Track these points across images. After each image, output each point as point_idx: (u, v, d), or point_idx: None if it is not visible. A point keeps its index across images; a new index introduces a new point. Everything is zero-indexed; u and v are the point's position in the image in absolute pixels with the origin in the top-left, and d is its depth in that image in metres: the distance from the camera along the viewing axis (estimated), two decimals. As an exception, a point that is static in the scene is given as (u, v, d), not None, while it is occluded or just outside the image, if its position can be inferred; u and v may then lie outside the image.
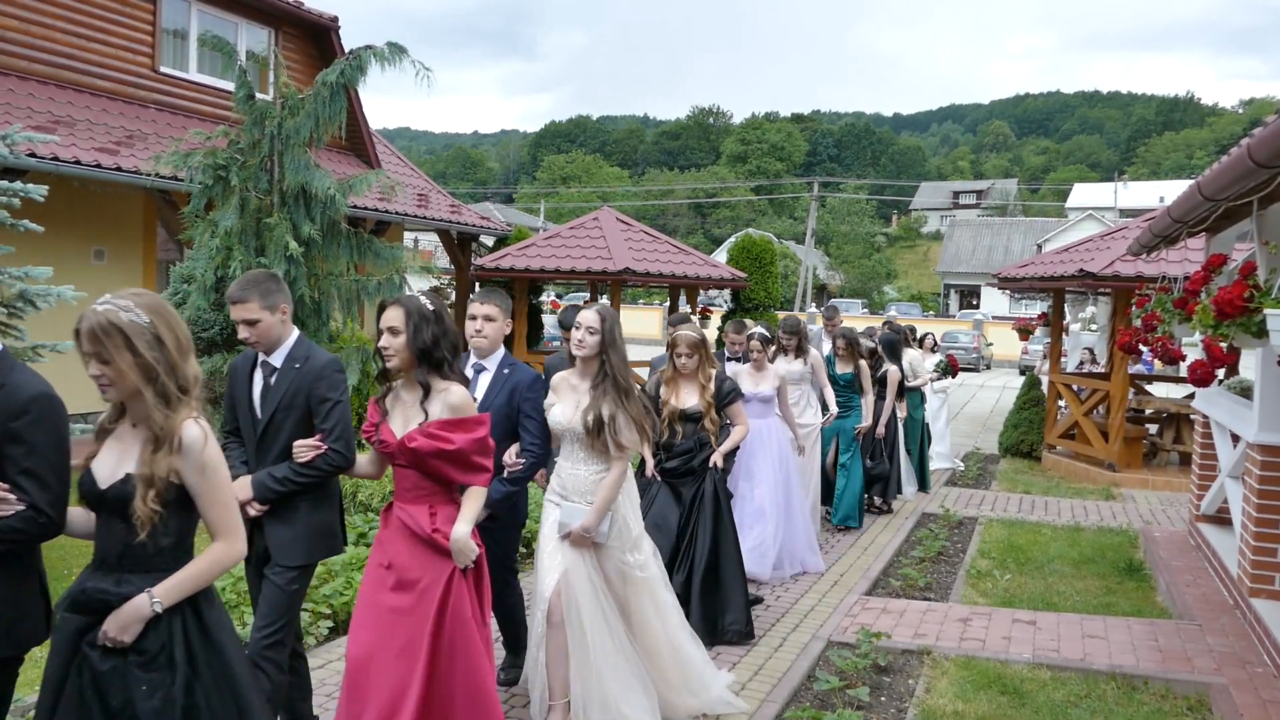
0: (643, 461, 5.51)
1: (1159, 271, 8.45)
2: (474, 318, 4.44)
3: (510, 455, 4.28)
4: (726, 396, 5.54)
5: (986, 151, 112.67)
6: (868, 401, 8.62)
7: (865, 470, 8.80)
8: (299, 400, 3.70)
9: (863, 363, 8.59)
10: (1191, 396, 10.53)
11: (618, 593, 4.25)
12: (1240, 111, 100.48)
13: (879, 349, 9.24)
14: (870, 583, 6.89)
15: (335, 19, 14.01)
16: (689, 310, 13.82)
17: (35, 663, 3.26)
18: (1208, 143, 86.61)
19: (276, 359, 3.77)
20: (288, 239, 7.20)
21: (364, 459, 3.79)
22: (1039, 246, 54.65)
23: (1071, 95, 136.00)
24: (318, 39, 14.27)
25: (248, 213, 7.48)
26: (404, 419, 3.53)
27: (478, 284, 15.73)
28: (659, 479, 5.51)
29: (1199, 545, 7.41)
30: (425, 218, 14.82)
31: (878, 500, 9.37)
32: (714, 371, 5.53)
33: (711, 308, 20.49)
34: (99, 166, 9.65)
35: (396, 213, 13.80)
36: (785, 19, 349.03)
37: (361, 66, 7.66)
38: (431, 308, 3.53)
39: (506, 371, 4.49)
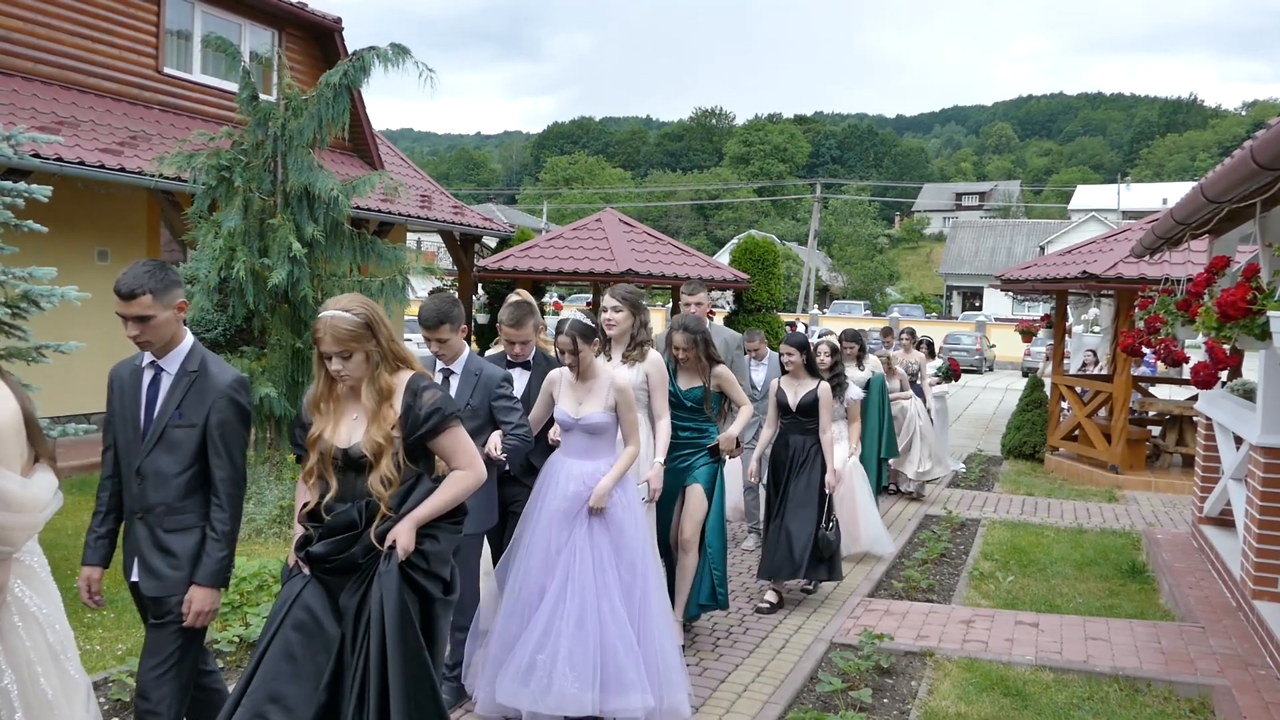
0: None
1: (1162, 273, 8.46)
2: None
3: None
4: (425, 423, 3.05)
5: (989, 153, 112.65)
6: (744, 411, 5.55)
7: (815, 537, 6.19)
8: None
9: (721, 368, 5.46)
10: (1194, 399, 10.53)
11: None
12: (1243, 114, 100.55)
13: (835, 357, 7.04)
14: (873, 584, 6.89)
15: (339, 20, 14.06)
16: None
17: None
18: (1211, 145, 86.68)
19: None
20: (291, 240, 7.22)
21: None
22: (1042, 248, 54.67)
23: (1074, 97, 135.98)
24: (321, 40, 14.30)
25: (251, 213, 7.49)
26: None
27: (480, 285, 15.75)
28: (303, 570, 3.09)
29: (1202, 547, 7.40)
30: (428, 219, 14.82)
31: (807, 584, 6.62)
32: (404, 379, 3.10)
33: (715, 309, 20.50)
34: (103, 167, 9.67)
35: (399, 214, 13.81)
36: (788, 21, 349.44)
37: (365, 68, 7.68)
38: None
39: None
